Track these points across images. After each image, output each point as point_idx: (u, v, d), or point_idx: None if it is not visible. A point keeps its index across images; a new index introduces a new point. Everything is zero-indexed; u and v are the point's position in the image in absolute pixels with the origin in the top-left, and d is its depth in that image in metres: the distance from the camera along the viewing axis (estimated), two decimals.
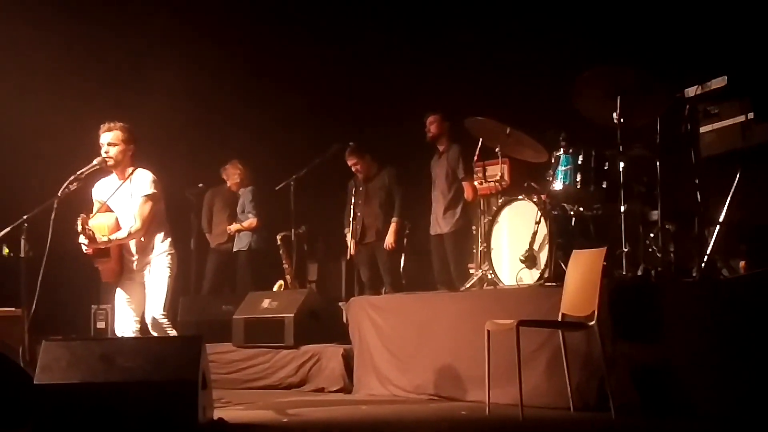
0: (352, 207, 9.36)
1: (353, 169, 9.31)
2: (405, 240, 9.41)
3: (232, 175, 10.32)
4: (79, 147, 6.94)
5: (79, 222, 6.13)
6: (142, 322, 6.55)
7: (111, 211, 6.54)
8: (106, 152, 6.44)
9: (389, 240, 9.14)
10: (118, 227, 6.44)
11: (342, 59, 10.54)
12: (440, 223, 8.80)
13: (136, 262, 6.54)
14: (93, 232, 6.22)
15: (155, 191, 6.49)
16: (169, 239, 6.61)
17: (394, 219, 9.17)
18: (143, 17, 10.14)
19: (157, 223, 6.55)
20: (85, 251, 6.35)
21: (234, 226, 10.21)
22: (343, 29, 10.42)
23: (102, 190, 6.60)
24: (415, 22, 9.95)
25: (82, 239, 6.23)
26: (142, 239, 6.50)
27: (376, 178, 9.37)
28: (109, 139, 6.45)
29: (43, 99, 9.43)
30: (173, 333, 6.53)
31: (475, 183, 8.58)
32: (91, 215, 6.38)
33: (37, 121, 9.42)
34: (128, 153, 6.51)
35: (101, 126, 6.49)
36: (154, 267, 6.52)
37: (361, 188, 9.39)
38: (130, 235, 6.41)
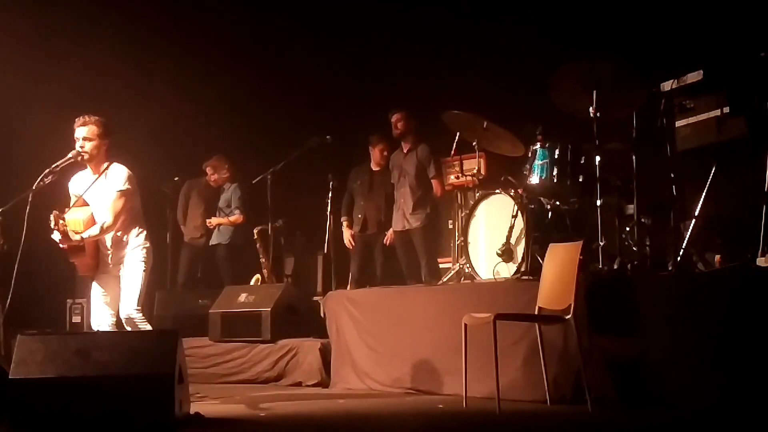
0: (351, 195, 9.33)
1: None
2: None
3: (219, 169, 10.28)
4: (54, 139, 6.89)
5: (51, 218, 6.09)
6: (118, 316, 6.52)
7: (87, 205, 6.50)
8: (81, 147, 6.40)
9: (391, 234, 9.12)
10: (93, 222, 6.40)
11: (319, 53, 10.50)
12: (408, 219, 8.78)
13: (111, 256, 6.51)
14: (66, 228, 6.18)
15: (129, 187, 6.44)
16: (144, 233, 6.58)
17: None
18: (120, 9, 10.08)
19: (131, 217, 6.51)
20: (60, 245, 6.32)
21: (215, 220, 10.18)
22: (320, 24, 10.40)
23: (78, 183, 6.56)
24: (392, 15, 9.93)
25: (55, 235, 6.20)
26: (118, 233, 6.47)
27: (386, 172, 9.36)
28: (84, 134, 6.40)
29: (18, 91, 9.35)
30: (147, 328, 6.49)
31: (452, 177, 8.60)
32: (66, 209, 6.34)
33: (11, 113, 9.35)
34: (103, 147, 6.47)
35: (76, 119, 6.45)
36: (128, 261, 6.50)
37: (365, 179, 9.35)
38: (102, 231, 6.38)
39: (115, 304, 6.53)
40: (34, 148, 8.30)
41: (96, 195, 6.49)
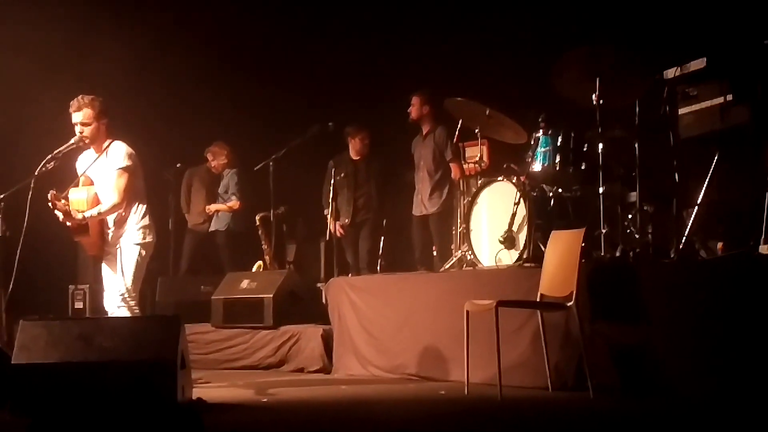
0: (333, 187, 9.30)
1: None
2: (384, 222, 9.43)
3: (218, 155, 10.29)
4: (57, 125, 6.87)
5: (49, 198, 6.05)
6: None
7: (92, 184, 6.47)
8: (80, 132, 6.35)
9: None
10: (97, 201, 6.36)
11: (322, 39, 10.48)
12: (426, 203, 8.75)
13: (111, 235, 6.43)
14: (68, 208, 6.15)
15: (130, 164, 6.36)
16: (144, 211, 6.46)
17: None
18: None
19: (132, 195, 6.40)
20: (66, 224, 6.27)
21: (214, 206, 10.21)
22: (322, 9, 10.37)
23: (83, 163, 6.52)
24: (393, 2, 9.91)
25: (58, 214, 6.16)
26: (122, 213, 6.40)
27: (369, 160, 9.37)
28: (81, 118, 6.33)
29: (19, 76, 9.34)
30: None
31: None
32: (71, 189, 6.32)
33: (14, 98, 9.34)
34: (102, 127, 6.39)
35: (71, 104, 6.36)
36: (125, 242, 6.39)
37: (348, 170, 9.34)
38: (107, 210, 6.30)
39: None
40: (37, 133, 8.30)
41: (98, 174, 6.44)
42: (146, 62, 10.01)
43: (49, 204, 6.07)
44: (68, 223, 6.26)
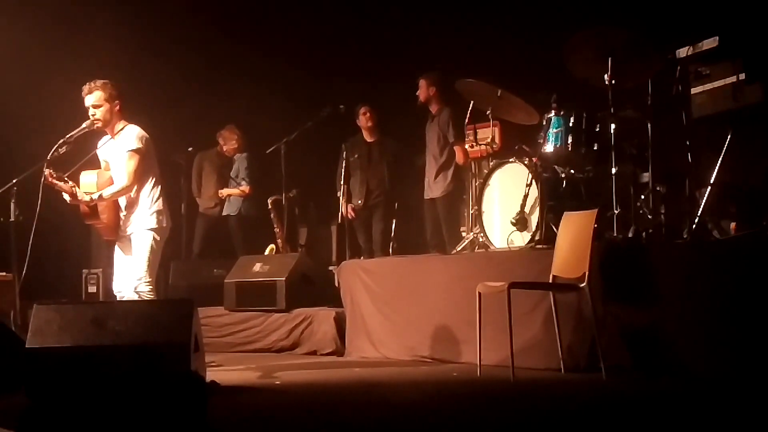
0: (346, 169, 9.28)
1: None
2: (396, 204, 9.42)
3: (229, 140, 10.30)
4: (69, 109, 6.88)
5: (45, 175, 6.04)
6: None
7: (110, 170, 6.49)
8: (92, 115, 6.35)
9: None
10: (109, 185, 6.36)
11: (333, 21, 10.46)
12: (432, 187, 8.74)
13: (123, 219, 6.44)
14: (75, 190, 6.15)
15: (141, 146, 6.34)
16: (157, 194, 6.44)
17: None
18: None
19: (144, 179, 6.39)
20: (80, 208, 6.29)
21: (226, 191, 10.22)
22: None
23: (102, 147, 6.54)
24: None
25: (66, 196, 6.17)
26: (131, 195, 6.38)
27: (382, 142, 9.37)
28: (92, 101, 6.33)
29: (32, 60, 9.36)
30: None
31: (466, 146, 8.55)
32: (83, 172, 6.32)
33: (26, 82, 9.35)
34: (114, 109, 6.39)
35: (83, 88, 6.37)
36: (138, 227, 6.38)
37: (362, 151, 9.35)
38: (115, 193, 6.30)
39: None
40: (49, 117, 8.32)
41: (111, 157, 6.46)
42: (157, 45, 10.00)
43: (47, 183, 6.05)
44: (84, 209, 6.26)
